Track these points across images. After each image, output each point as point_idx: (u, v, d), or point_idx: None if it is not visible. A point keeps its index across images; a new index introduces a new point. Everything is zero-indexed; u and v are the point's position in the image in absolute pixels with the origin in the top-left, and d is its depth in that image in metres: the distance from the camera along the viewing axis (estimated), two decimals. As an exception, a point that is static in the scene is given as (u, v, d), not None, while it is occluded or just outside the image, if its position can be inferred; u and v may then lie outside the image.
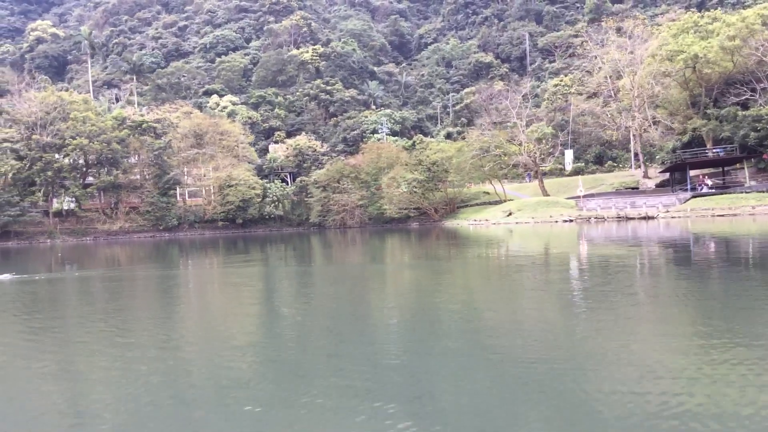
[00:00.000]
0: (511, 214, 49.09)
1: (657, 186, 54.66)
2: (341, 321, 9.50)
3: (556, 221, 43.81)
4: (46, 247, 49.74)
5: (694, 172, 49.10)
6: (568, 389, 5.30)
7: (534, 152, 58.03)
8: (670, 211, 41.25)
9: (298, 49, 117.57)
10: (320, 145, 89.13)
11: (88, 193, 65.63)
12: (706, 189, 45.63)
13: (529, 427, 4.59)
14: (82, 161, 65.98)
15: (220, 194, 68.64)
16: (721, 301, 9.70)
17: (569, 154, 75.13)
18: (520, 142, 58.55)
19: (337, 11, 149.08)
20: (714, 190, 45.01)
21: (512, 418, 4.79)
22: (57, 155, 64.03)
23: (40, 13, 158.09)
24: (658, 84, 53.33)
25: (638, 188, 55.06)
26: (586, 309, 9.35)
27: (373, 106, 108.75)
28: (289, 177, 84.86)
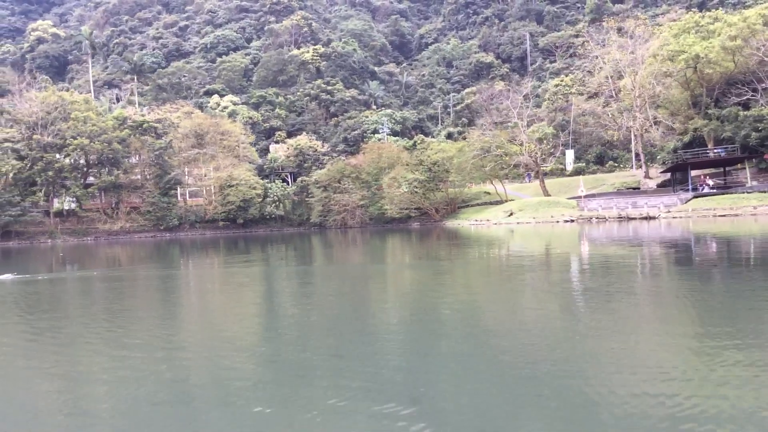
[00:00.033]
0: (512, 214, 49.06)
1: (658, 186, 54.64)
2: (342, 321, 9.48)
3: (558, 221, 43.77)
4: (47, 247, 49.75)
5: (696, 173, 49.05)
6: (569, 389, 5.30)
7: (535, 152, 57.98)
8: (672, 212, 41.20)
9: (298, 49, 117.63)
10: (321, 145, 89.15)
11: (89, 193, 65.69)
12: (707, 189, 45.58)
13: (530, 427, 4.58)
14: (83, 161, 66.05)
15: (221, 194, 68.67)
16: (723, 301, 9.67)
17: (570, 155, 75.12)
18: (521, 142, 58.50)
19: (338, 11, 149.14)
20: (715, 191, 44.95)
21: (512, 418, 4.79)
22: (58, 155, 64.14)
23: (41, 13, 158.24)
24: (659, 84, 53.29)
25: (639, 188, 55.02)
26: (587, 309, 9.33)
27: (374, 106, 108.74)
28: (289, 177, 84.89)
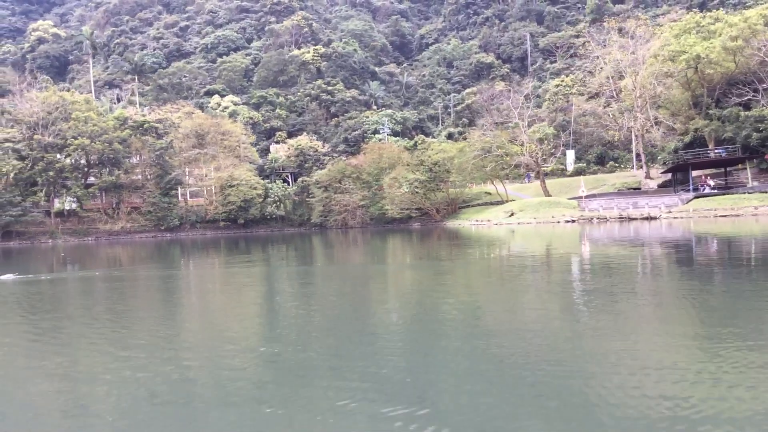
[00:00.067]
0: (513, 214, 49.04)
1: (659, 186, 54.61)
2: (342, 321, 9.47)
3: (558, 222, 43.75)
4: (48, 248, 49.74)
5: (696, 173, 49.02)
6: (569, 389, 5.29)
7: (536, 153, 57.96)
8: (673, 212, 41.17)
9: (299, 49, 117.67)
10: (321, 146, 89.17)
11: (90, 194, 65.73)
12: (708, 189, 45.56)
13: (530, 428, 4.58)
14: (83, 161, 66.07)
15: (222, 194, 68.69)
16: (724, 301, 9.66)
17: (571, 155, 75.09)
18: (522, 143, 58.48)
19: (338, 11, 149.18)
20: (716, 191, 44.93)
21: (512, 418, 4.78)
22: (59, 155, 64.18)
23: (42, 13, 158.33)
24: (660, 84, 53.28)
25: (640, 189, 54.98)
26: (588, 309, 9.31)
27: (375, 107, 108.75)
28: (290, 177, 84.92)
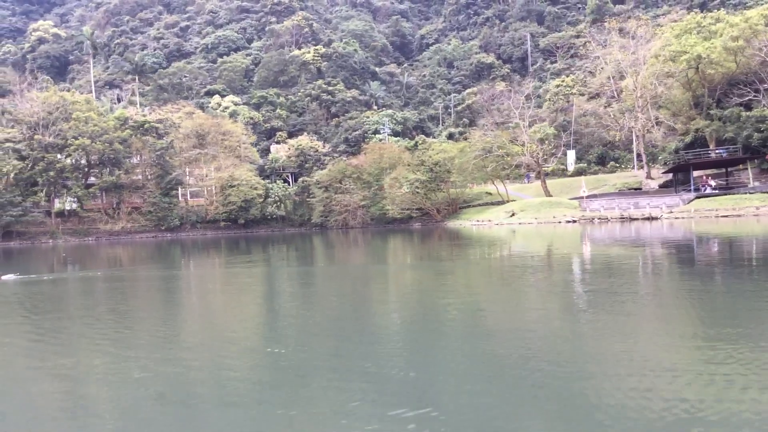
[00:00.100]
0: (514, 214, 49.00)
1: (660, 187, 54.58)
2: (343, 322, 9.45)
3: (559, 222, 43.71)
4: (49, 248, 49.73)
5: (698, 173, 48.99)
6: (569, 390, 5.28)
7: (537, 153, 57.94)
8: (674, 212, 41.13)
9: (299, 49, 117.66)
10: (322, 146, 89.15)
11: (90, 194, 65.71)
12: (709, 190, 45.53)
13: (530, 428, 4.57)
14: (84, 161, 66.05)
15: (222, 194, 68.67)
16: (725, 301, 9.62)
17: (571, 155, 75.03)
18: (523, 143, 58.46)
19: (339, 12, 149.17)
20: (717, 191, 44.89)
21: (512, 418, 4.78)
22: (59, 155, 64.15)
23: (42, 14, 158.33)
24: (661, 84, 53.26)
25: (641, 189, 54.96)
26: (589, 310, 9.28)
27: (375, 107, 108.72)
28: (290, 177, 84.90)
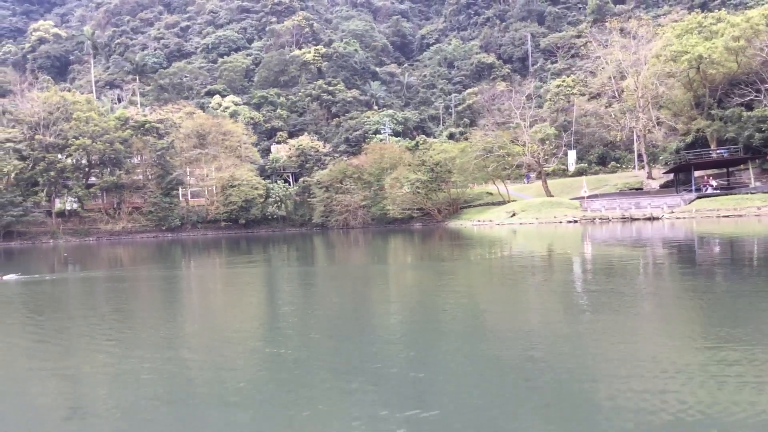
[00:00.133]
0: (514, 214, 48.96)
1: (661, 187, 54.54)
2: (343, 322, 9.43)
3: (560, 222, 43.68)
4: (49, 248, 49.72)
5: (699, 173, 48.94)
6: (569, 390, 5.27)
7: (538, 153, 57.91)
8: (675, 212, 41.09)
9: (300, 49, 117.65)
10: (323, 146, 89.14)
11: (91, 194, 65.72)
12: (710, 190, 45.48)
13: (530, 428, 4.55)
14: (85, 161, 66.07)
15: (223, 194, 68.67)
16: (726, 302, 9.58)
17: (572, 155, 74.97)
18: (524, 143, 58.43)
19: (339, 12, 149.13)
20: (719, 191, 44.84)
21: (512, 418, 4.77)
22: (60, 155, 64.14)
23: (42, 14, 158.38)
24: (662, 84, 53.20)
25: (642, 189, 54.91)
26: (590, 310, 9.25)
27: (376, 107, 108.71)
28: (291, 177, 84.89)
